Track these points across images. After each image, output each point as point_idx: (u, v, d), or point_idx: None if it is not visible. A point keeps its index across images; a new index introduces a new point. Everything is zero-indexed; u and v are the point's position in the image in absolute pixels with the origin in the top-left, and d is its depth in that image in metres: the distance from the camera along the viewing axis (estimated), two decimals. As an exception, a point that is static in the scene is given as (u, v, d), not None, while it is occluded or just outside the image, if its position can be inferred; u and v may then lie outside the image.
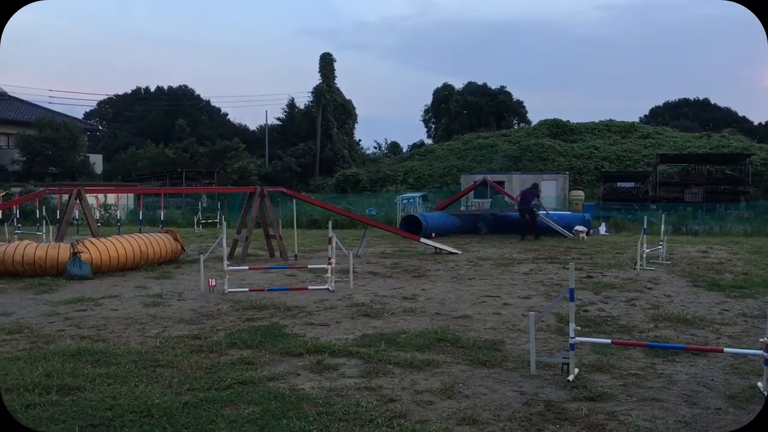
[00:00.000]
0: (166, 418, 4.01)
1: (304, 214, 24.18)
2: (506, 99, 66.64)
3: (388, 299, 8.31)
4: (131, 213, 26.23)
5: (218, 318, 7.12)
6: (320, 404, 4.26)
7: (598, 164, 42.51)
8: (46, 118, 42.33)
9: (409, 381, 4.79)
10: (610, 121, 51.23)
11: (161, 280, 9.98)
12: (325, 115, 52.72)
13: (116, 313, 7.38)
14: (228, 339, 6.03)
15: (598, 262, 12.37)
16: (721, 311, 7.56)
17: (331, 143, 52.24)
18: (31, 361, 5.23)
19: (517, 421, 4.01)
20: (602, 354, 5.50)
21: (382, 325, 6.79)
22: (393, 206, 26.54)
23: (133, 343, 5.96)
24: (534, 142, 45.57)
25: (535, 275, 10.66)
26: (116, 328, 6.64)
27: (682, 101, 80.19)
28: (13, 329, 6.51)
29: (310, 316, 7.22)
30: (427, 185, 40.96)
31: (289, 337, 6.14)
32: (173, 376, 4.90)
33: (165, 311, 7.52)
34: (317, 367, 5.14)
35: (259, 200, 12.95)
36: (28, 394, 4.42)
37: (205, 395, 4.43)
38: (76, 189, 12.34)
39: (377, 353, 5.52)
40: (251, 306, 7.72)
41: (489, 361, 5.31)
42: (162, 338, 6.14)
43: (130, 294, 8.73)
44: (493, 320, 7.04)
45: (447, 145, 50.87)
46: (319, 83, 54.05)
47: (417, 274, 10.77)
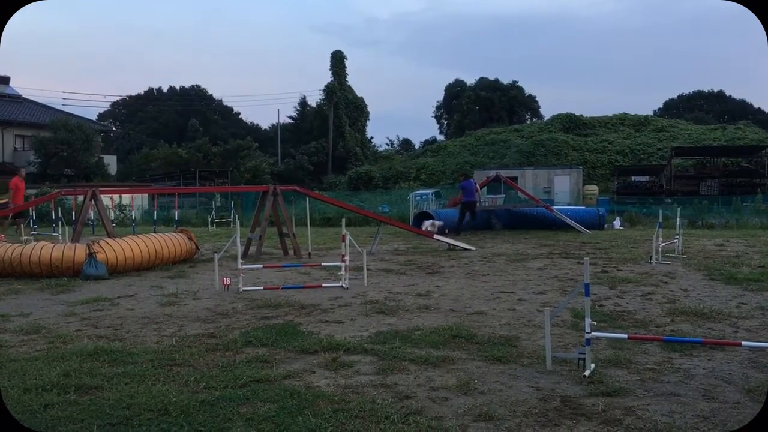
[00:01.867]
0: (184, 416, 4.03)
1: (317, 212, 24.24)
2: (518, 94, 66.46)
3: (402, 296, 8.31)
4: (146, 213, 26.37)
5: (233, 316, 7.15)
6: (336, 401, 4.27)
7: (611, 158, 42.30)
8: (61, 119, 42.71)
9: (425, 378, 4.79)
10: (623, 114, 50.95)
11: (176, 280, 10.04)
12: (337, 112, 52.77)
13: (132, 313, 7.43)
14: (243, 337, 6.05)
15: (612, 257, 12.31)
16: (739, 304, 7.50)
17: (344, 141, 52.30)
18: (49, 361, 5.28)
19: (534, 416, 3.99)
20: (618, 349, 5.47)
21: (397, 322, 6.79)
22: (406, 203, 26.53)
23: (149, 343, 6.00)
24: (547, 136, 45.39)
25: (549, 270, 10.62)
26: (132, 327, 6.68)
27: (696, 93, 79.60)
28: (30, 330, 6.57)
29: (325, 314, 7.23)
30: (439, 182, 40.90)
31: (303, 335, 6.15)
32: (190, 374, 4.92)
33: (180, 310, 7.57)
34: (332, 365, 5.15)
35: (272, 199, 12.99)
36: (46, 393, 4.46)
37: (221, 393, 4.45)
38: (91, 190, 12.43)
39: (392, 350, 5.52)
40: (266, 304, 7.75)
41: (504, 357, 5.30)
42: (178, 337, 6.17)
43: (146, 293, 8.78)
44: (507, 316, 7.02)
45: (459, 141, 50.78)
46: (331, 81, 54.14)
47: (431, 271, 10.76)
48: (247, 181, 43.26)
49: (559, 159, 41.98)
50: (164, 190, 29.54)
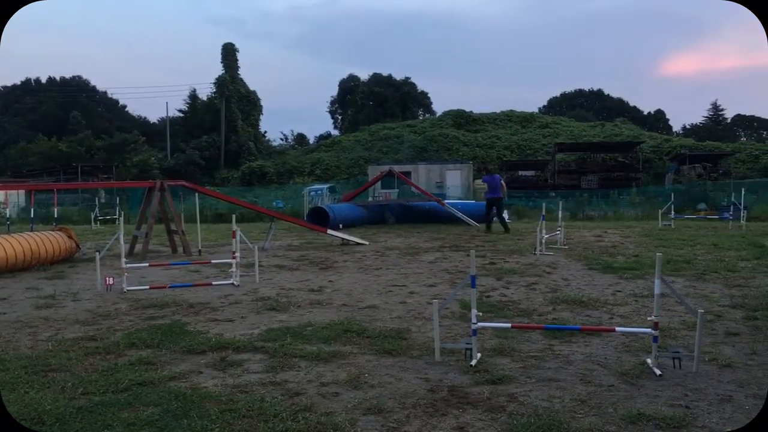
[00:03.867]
0: (59, 424, 3.82)
1: (208, 208, 23.64)
2: (411, 90, 67.51)
3: (295, 292, 8.24)
4: (22, 210, 24.83)
5: (116, 318, 6.84)
6: (223, 402, 4.17)
7: (500, 153, 43.78)
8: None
9: (315, 373, 4.77)
10: (511, 111, 52.82)
11: (54, 281, 9.51)
12: (229, 106, 51.70)
13: (4, 317, 6.96)
14: (126, 339, 5.80)
15: (500, 249, 12.73)
16: (614, 292, 7.94)
17: (236, 135, 51.33)
18: None
19: (422, 407, 4.06)
20: (503, 338, 5.66)
21: (288, 318, 6.72)
22: (300, 198, 26.36)
23: (23, 348, 5.64)
24: (439, 132, 46.40)
25: (440, 263, 10.85)
26: (5, 332, 6.26)
27: (577, 92, 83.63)
28: None
29: (214, 312, 7.06)
30: (334, 177, 40.93)
31: (191, 335, 5.98)
32: (66, 380, 4.67)
33: (58, 313, 7.17)
34: (221, 364, 5.03)
35: (159, 194, 12.54)
36: None
37: (101, 399, 4.25)
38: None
39: (283, 347, 5.46)
40: (152, 304, 7.48)
41: (395, 350, 5.36)
42: (55, 341, 5.84)
43: (20, 296, 8.26)
44: (399, 309, 7.11)
45: (354, 137, 51.01)
46: (222, 74, 52.97)
47: (324, 266, 10.74)
48: (134, 176, 41.61)
49: (451, 154, 42.99)
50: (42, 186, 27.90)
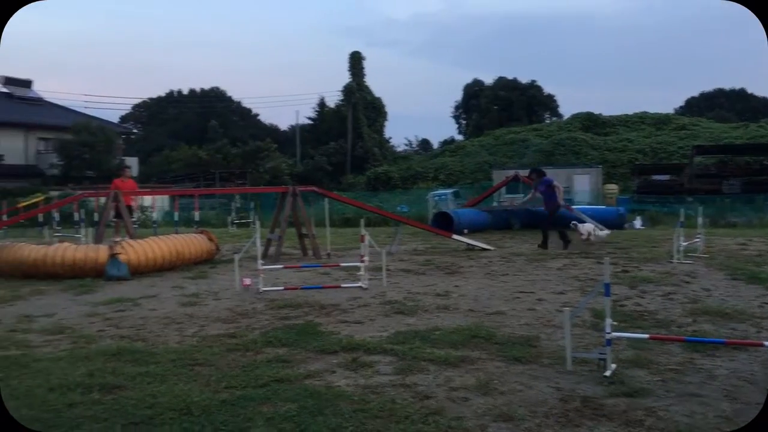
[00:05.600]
0: (205, 415, 4.08)
1: (336, 212, 24.29)
2: (537, 93, 66.17)
3: (422, 296, 8.31)
4: (167, 214, 26.59)
5: (253, 317, 7.19)
6: (356, 401, 4.29)
7: (632, 157, 41.92)
8: (83, 122, 43.18)
9: (444, 378, 4.80)
10: (643, 113, 50.50)
11: (197, 280, 10.12)
12: (356, 113, 52.88)
13: (154, 313, 7.51)
14: (264, 337, 6.09)
15: (633, 256, 12.21)
16: (762, 304, 7.41)
17: (362, 141, 52.40)
18: (73, 361, 5.36)
19: (554, 417, 3.99)
20: (639, 349, 5.43)
21: (416, 322, 6.80)
22: (424, 203, 26.50)
23: (171, 343, 6.06)
24: (566, 135, 45.14)
25: (569, 270, 10.57)
26: (155, 327, 6.76)
27: (717, 91, 78.62)
28: (55, 330, 6.66)
29: (344, 314, 7.25)
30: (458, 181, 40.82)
31: (323, 335, 6.18)
32: (211, 374, 4.97)
33: (201, 310, 7.63)
34: (352, 365, 5.17)
35: (292, 199, 13.05)
36: (70, 393, 4.53)
37: (242, 393, 4.49)
38: (113, 192, 12.57)
39: (411, 350, 5.53)
40: (286, 304, 7.79)
41: (524, 357, 5.29)
42: (199, 337, 6.23)
43: (168, 294, 8.86)
44: (527, 316, 7.00)
45: (478, 141, 50.65)
46: (349, 82, 54.27)
47: (450, 271, 10.75)
48: (267, 182, 43.48)
49: (579, 158, 41.71)
50: (184, 191, 29.77)
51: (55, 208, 17.10)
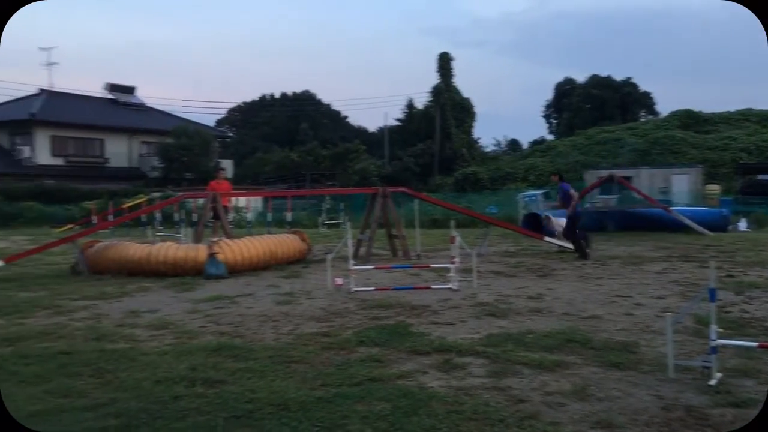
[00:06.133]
0: (302, 411, 4.18)
1: (424, 213, 24.27)
2: (632, 91, 63.98)
3: (513, 299, 8.20)
4: (260, 215, 27.36)
5: (346, 316, 7.31)
6: (449, 403, 4.29)
7: (735, 156, 39.84)
8: (182, 126, 45.04)
9: (539, 382, 4.72)
10: (748, 110, 47.90)
11: (291, 279, 10.37)
12: (444, 114, 52.75)
13: (251, 311, 7.75)
14: (356, 337, 6.18)
15: (738, 260, 11.62)
16: None
17: (450, 142, 52.20)
18: (177, 355, 5.61)
19: (656, 426, 3.85)
20: (747, 358, 5.17)
21: (508, 324, 6.72)
22: (514, 204, 26.12)
23: (267, 340, 6.24)
24: (663, 134, 43.40)
25: (669, 274, 10.17)
26: (252, 325, 6.97)
27: (831, 85, 73.58)
28: (159, 325, 6.99)
29: (435, 315, 7.26)
30: (549, 182, 39.99)
31: (415, 336, 6.21)
32: (306, 371, 5.09)
33: (296, 309, 7.82)
34: (445, 366, 5.17)
35: (382, 201, 13.17)
36: (175, 386, 4.74)
37: (337, 391, 4.58)
38: (212, 193, 13.07)
39: (504, 353, 5.47)
40: (377, 305, 7.87)
41: (622, 364, 5.13)
42: (294, 335, 6.39)
43: (263, 293, 9.13)
44: (624, 321, 6.79)
45: (569, 141, 49.43)
46: (438, 82, 54.17)
47: (542, 273, 10.56)
48: (356, 183, 43.96)
49: (677, 157, 40.00)
50: (277, 192, 30.56)
51: (158, 209, 17.93)
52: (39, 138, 41.46)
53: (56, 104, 43.54)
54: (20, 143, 41.88)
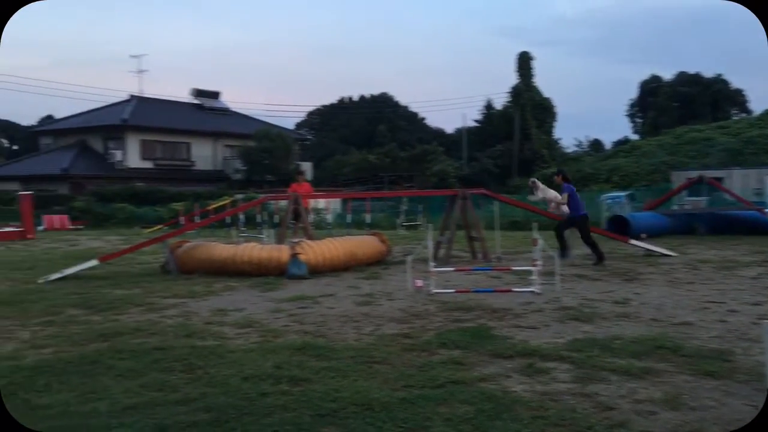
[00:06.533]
0: (386, 412, 4.20)
1: (503, 215, 23.99)
2: (723, 88, 61.30)
3: (598, 303, 8.00)
4: (338, 216, 27.73)
5: (426, 318, 7.30)
6: (534, 408, 4.22)
7: (838, 155, 37.55)
8: (263, 130, 46.22)
9: (627, 389, 4.58)
10: None
11: (371, 281, 10.45)
12: (523, 114, 52.01)
13: (333, 311, 7.85)
14: (438, 339, 6.16)
15: (842, 266, 10.96)
16: None
17: (530, 143, 51.43)
18: (262, 353, 5.74)
19: (754, 438, 3.67)
20: None
21: (594, 329, 6.55)
22: (596, 206, 25.47)
23: (349, 340, 6.31)
24: (758, 133, 41.36)
25: (765, 280, 9.69)
26: (334, 325, 7.07)
27: None
28: (245, 324, 7.18)
29: (517, 319, 7.16)
30: (633, 183, 38.77)
31: (497, 339, 6.14)
32: (388, 372, 5.11)
33: (376, 310, 7.87)
34: (528, 370, 5.09)
35: (462, 202, 13.10)
36: (262, 383, 4.86)
37: (419, 392, 4.58)
38: (294, 195, 13.34)
39: (590, 359, 5.34)
40: (457, 307, 7.83)
41: (716, 372, 4.92)
42: (376, 336, 6.43)
43: (344, 293, 9.23)
44: (718, 328, 6.51)
45: (655, 141, 47.80)
46: (517, 83, 53.49)
47: (628, 278, 10.25)
48: (434, 184, 43.91)
49: (772, 157, 38.03)
50: (357, 194, 30.89)
51: (242, 210, 18.42)
52: (130, 142, 43.42)
53: (146, 110, 45.50)
54: (113, 147, 43.98)
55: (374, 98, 77.03)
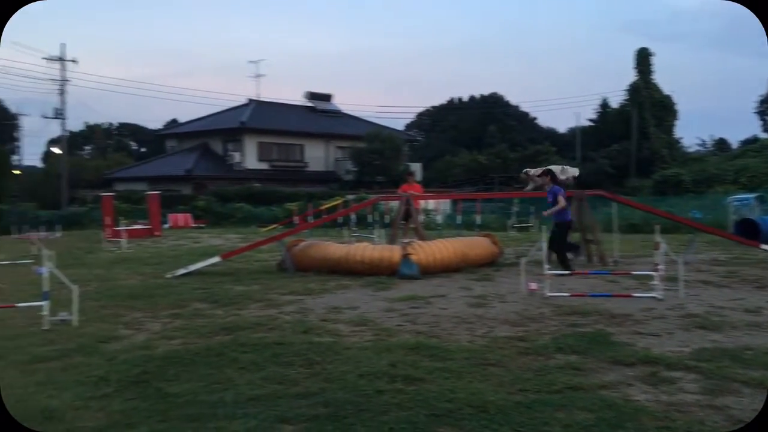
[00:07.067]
0: (501, 415, 4.16)
1: (621, 217, 23.12)
2: None
3: (727, 311, 7.55)
4: (448, 217, 27.65)
5: (541, 321, 7.15)
6: (659, 418, 4.05)
7: None
8: (374, 131, 46.86)
9: (761, 402, 4.30)
10: None
11: (482, 282, 10.35)
12: (641, 113, 49.94)
13: (445, 312, 7.85)
14: (554, 343, 6.03)
15: None
16: None
17: (648, 142, 49.32)
18: (377, 351, 5.82)
19: None
20: None
21: (722, 339, 6.20)
22: (722, 209, 24.05)
23: (463, 341, 6.28)
24: None
25: None
26: (446, 325, 7.06)
27: None
28: (359, 322, 7.31)
29: (638, 325, 6.88)
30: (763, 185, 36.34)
31: (617, 346, 5.93)
32: (503, 375, 5.06)
33: (489, 312, 7.80)
34: (651, 379, 4.89)
35: (578, 204, 12.73)
36: (377, 380, 4.93)
37: (536, 397, 4.50)
38: (406, 195, 13.44)
39: (719, 369, 5.05)
40: (573, 311, 7.62)
41: None
42: (489, 338, 6.37)
43: (456, 294, 9.20)
44: None
45: (789, 139, 44.62)
46: (636, 80, 51.46)
47: (760, 285, 9.62)
48: (545, 186, 42.99)
49: None
50: (466, 195, 30.74)
51: (354, 210, 18.76)
52: (248, 144, 45.22)
53: (262, 113, 47.23)
54: (231, 149, 45.94)
55: (484, 98, 76.33)
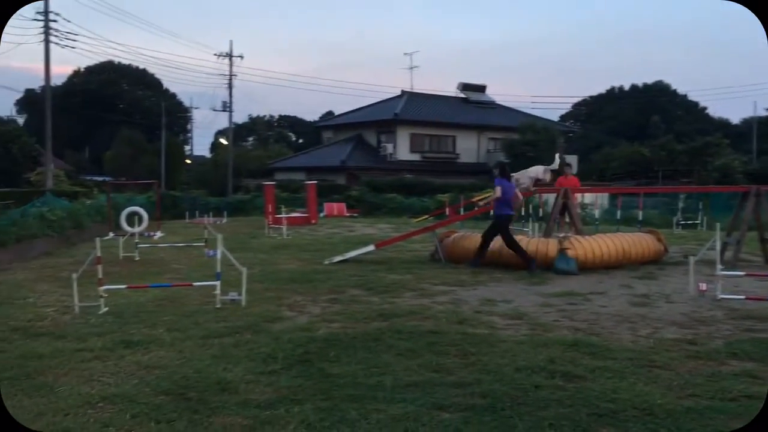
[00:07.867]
0: (670, 420, 3.95)
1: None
2: None
3: None
4: (606, 212, 26.53)
5: (713, 325, 6.69)
6: None
7: None
8: (528, 122, 45.91)
9: None
10: None
11: (645, 281, 9.84)
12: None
13: (605, 310, 7.54)
14: (727, 348, 5.62)
15: None
16: None
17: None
18: (533, 346, 5.72)
19: None
20: None
21: None
22: None
23: (624, 341, 6.01)
24: None
25: None
26: (606, 324, 6.79)
27: None
28: (514, 315, 7.21)
29: (826, 334, 6.24)
30: None
31: (801, 355, 5.42)
32: (671, 378, 4.79)
33: (654, 312, 7.40)
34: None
35: (754, 200, 11.75)
36: (535, 375, 4.85)
37: (708, 403, 4.23)
38: (563, 189, 13.05)
39: None
40: (749, 315, 7.06)
41: None
42: (655, 339, 6.05)
43: (616, 292, 8.82)
44: None
45: None
46: (824, 64, 46.59)
47: None
48: (716, 180, 39.98)
49: None
50: (627, 189, 29.36)
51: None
52: (400, 136, 45.92)
53: (415, 104, 47.76)
54: (384, 141, 46.87)
55: (647, 87, 72.41)
